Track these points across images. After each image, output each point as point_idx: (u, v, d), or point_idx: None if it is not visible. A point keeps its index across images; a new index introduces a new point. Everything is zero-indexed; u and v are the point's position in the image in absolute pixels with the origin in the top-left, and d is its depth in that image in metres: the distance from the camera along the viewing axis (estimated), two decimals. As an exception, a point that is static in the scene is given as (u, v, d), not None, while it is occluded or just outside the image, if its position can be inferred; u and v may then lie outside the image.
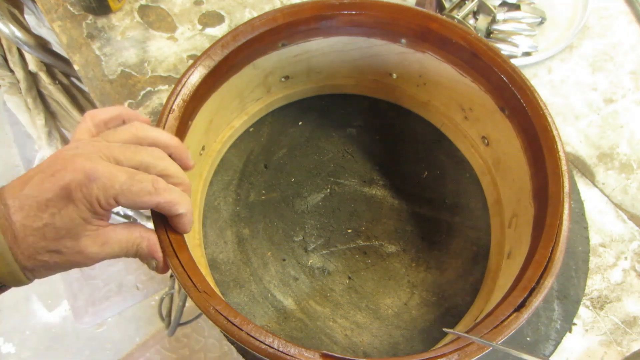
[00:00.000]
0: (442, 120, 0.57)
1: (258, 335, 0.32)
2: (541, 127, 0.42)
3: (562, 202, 0.39)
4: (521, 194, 0.46)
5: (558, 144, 0.41)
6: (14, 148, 1.51)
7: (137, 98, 0.62)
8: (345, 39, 0.50)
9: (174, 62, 0.65)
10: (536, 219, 0.42)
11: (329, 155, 0.56)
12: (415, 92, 0.56)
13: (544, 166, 0.41)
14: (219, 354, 1.29)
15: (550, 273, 0.36)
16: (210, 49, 0.44)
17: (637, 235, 0.57)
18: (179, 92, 0.42)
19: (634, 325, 0.52)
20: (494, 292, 0.46)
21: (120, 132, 0.35)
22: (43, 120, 0.92)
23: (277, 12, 0.46)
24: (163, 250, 0.36)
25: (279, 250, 0.51)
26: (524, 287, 0.36)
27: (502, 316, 0.35)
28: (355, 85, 0.58)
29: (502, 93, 0.46)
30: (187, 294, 0.34)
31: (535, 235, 0.40)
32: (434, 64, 0.50)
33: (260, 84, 0.53)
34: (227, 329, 0.32)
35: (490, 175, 0.53)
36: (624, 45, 0.70)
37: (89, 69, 0.64)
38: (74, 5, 0.67)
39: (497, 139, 0.50)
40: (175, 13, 0.69)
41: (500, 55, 0.45)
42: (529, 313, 0.35)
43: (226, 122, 0.54)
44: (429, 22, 0.47)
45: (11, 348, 1.28)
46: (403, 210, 0.54)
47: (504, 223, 0.50)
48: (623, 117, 0.65)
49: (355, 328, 0.47)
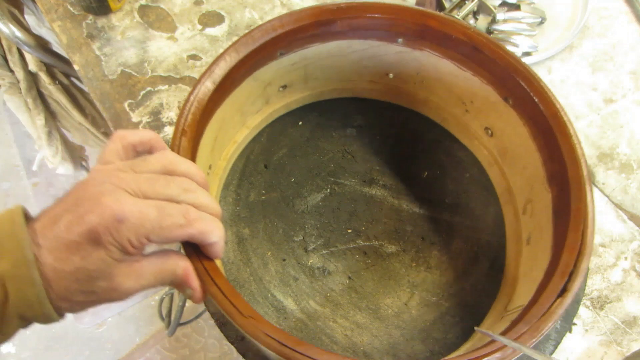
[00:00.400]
0: (442, 115, 0.57)
1: (314, 355, 0.32)
2: (551, 113, 0.43)
3: (584, 185, 0.40)
4: (534, 180, 0.46)
5: (570, 129, 0.42)
6: (14, 148, 1.51)
7: (137, 98, 0.62)
8: (342, 42, 0.50)
9: (174, 62, 0.65)
10: (556, 203, 0.42)
11: (329, 155, 0.56)
12: (414, 89, 0.56)
13: (558, 151, 0.42)
14: (219, 354, 1.29)
15: (585, 255, 0.37)
16: (214, 64, 0.43)
17: (637, 235, 0.57)
18: (188, 111, 0.41)
19: (634, 325, 0.52)
20: (519, 280, 0.47)
21: (150, 162, 0.33)
22: (43, 120, 0.92)
23: (276, 22, 0.45)
24: (199, 277, 0.34)
25: (279, 250, 0.51)
26: (563, 272, 0.37)
27: (547, 303, 0.35)
28: (352, 88, 0.58)
29: (505, 84, 0.46)
30: (232, 321, 0.33)
31: (560, 220, 0.41)
32: (432, 61, 0.51)
33: (259, 95, 0.52)
34: (281, 351, 0.32)
35: (498, 165, 0.53)
36: (624, 45, 0.70)
37: (89, 69, 0.64)
38: (74, 5, 0.67)
39: (502, 128, 0.50)
40: (175, 13, 0.69)
41: (501, 47, 0.45)
42: (571, 297, 0.36)
43: (229, 137, 0.53)
44: (427, 20, 0.47)
45: (11, 348, 1.28)
46: (403, 210, 0.54)
47: (518, 210, 0.50)
48: (623, 117, 0.65)
49: (355, 328, 0.47)
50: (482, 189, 0.55)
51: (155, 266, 0.33)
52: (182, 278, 0.34)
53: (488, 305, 0.49)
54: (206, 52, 0.66)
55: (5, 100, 0.92)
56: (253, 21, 0.69)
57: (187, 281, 0.34)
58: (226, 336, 0.46)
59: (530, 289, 0.41)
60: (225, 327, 0.46)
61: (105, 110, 0.61)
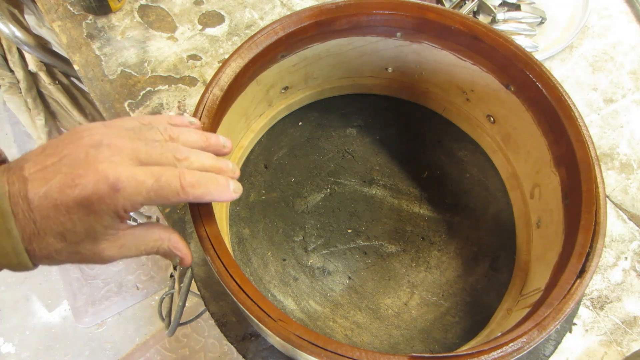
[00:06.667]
0: (443, 105, 0.57)
1: (345, 352, 0.32)
2: (555, 97, 0.43)
3: (592, 166, 0.40)
4: (540, 164, 0.47)
5: (575, 111, 0.42)
6: (14, 148, 1.51)
7: (137, 98, 0.62)
8: (342, 40, 0.50)
9: (174, 62, 0.65)
10: (564, 186, 0.43)
11: (329, 155, 0.56)
12: (413, 82, 0.57)
13: (564, 134, 0.42)
14: (219, 354, 1.29)
15: (600, 235, 0.38)
16: (220, 72, 0.43)
17: (637, 235, 0.57)
18: (200, 123, 0.41)
19: (634, 325, 0.52)
20: (532, 263, 0.48)
21: (153, 129, 0.34)
22: (43, 120, 0.92)
23: (277, 24, 0.45)
24: (219, 274, 0.35)
25: (279, 250, 0.51)
26: (579, 253, 0.37)
27: (567, 285, 0.36)
28: (352, 85, 0.58)
29: (506, 71, 0.47)
30: (263, 326, 0.33)
31: (570, 202, 0.42)
32: (431, 53, 0.51)
33: (262, 99, 0.53)
34: (313, 351, 0.32)
35: (502, 152, 0.54)
36: (624, 45, 0.70)
37: (89, 69, 0.64)
38: (74, 5, 0.67)
39: (504, 115, 0.51)
40: (175, 13, 0.69)
41: (501, 35, 0.46)
42: (590, 277, 0.36)
43: (235, 143, 0.53)
44: (425, 13, 0.47)
45: (11, 348, 1.28)
46: (403, 210, 0.54)
47: (525, 195, 0.51)
48: (623, 117, 0.65)
49: (355, 328, 0.47)
50: (482, 189, 0.55)
51: (139, 238, 0.33)
52: (168, 249, 0.35)
53: (488, 304, 0.49)
54: (206, 52, 0.66)
55: (5, 100, 0.92)
56: (253, 21, 0.69)
57: (173, 252, 0.35)
58: (226, 336, 0.46)
59: (545, 271, 0.42)
60: (225, 327, 0.46)
61: (105, 110, 0.61)
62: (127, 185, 0.29)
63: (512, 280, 0.49)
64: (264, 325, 0.33)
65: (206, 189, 0.32)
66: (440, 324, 0.48)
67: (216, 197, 0.33)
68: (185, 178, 0.31)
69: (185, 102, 0.62)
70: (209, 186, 0.33)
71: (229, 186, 0.34)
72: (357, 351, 0.32)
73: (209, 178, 0.33)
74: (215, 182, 0.33)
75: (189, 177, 0.32)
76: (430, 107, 0.59)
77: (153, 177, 0.30)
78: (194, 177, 0.32)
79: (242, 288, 0.34)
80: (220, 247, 0.35)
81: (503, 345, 0.33)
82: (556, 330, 0.47)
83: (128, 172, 0.29)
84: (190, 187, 0.31)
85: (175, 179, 0.31)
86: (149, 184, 0.30)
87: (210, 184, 0.33)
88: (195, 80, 0.64)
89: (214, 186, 0.33)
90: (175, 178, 0.31)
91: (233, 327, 0.46)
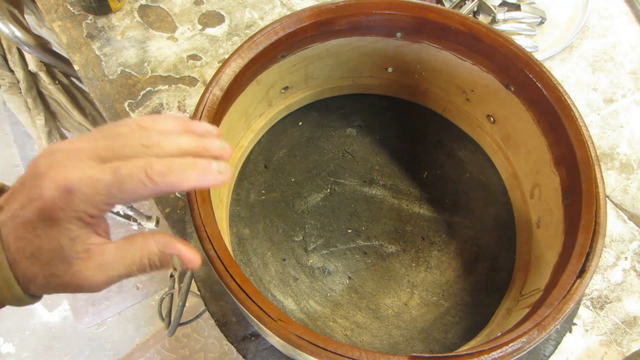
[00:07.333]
0: (443, 105, 0.57)
1: (344, 352, 0.32)
2: (555, 97, 0.43)
3: (593, 166, 0.40)
4: (540, 164, 0.47)
5: (575, 112, 0.42)
6: (14, 148, 1.51)
7: (137, 98, 0.62)
8: (342, 40, 0.50)
9: (174, 62, 0.65)
10: (564, 186, 0.43)
11: (329, 155, 0.56)
12: (413, 82, 0.57)
13: (565, 134, 0.42)
14: (219, 354, 1.29)
15: (600, 235, 0.38)
16: (220, 72, 0.43)
17: (637, 235, 0.57)
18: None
19: (634, 325, 0.52)
20: (532, 263, 0.48)
21: (124, 125, 0.30)
22: (43, 120, 0.92)
23: (277, 24, 0.45)
24: (219, 274, 0.34)
25: (279, 250, 0.51)
26: (579, 253, 0.37)
27: (567, 285, 0.36)
28: (352, 85, 0.58)
29: (506, 71, 0.47)
30: (263, 326, 0.33)
31: (570, 202, 0.42)
32: (431, 53, 0.51)
33: (262, 99, 0.53)
34: (313, 351, 0.32)
35: (502, 152, 0.54)
36: (624, 45, 0.70)
37: (89, 69, 0.63)
38: (74, 5, 0.67)
39: (504, 115, 0.51)
40: (175, 13, 0.69)
41: (501, 35, 0.46)
42: (590, 277, 0.36)
43: (235, 143, 0.53)
44: (425, 13, 0.47)
45: (11, 348, 1.28)
46: (403, 210, 0.54)
47: (525, 195, 0.51)
48: (623, 117, 0.65)
49: (355, 328, 0.47)
50: (482, 189, 0.55)
51: (120, 253, 0.30)
52: (160, 255, 0.31)
53: (488, 304, 0.49)
54: (206, 52, 0.66)
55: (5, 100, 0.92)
56: (253, 21, 0.68)
57: (167, 255, 0.31)
58: (226, 336, 0.46)
59: (545, 271, 0.42)
60: (225, 327, 0.46)
61: (105, 110, 0.61)
62: (81, 186, 0.27)
63: (512, 280, 0.49)
64: (264, 325, 0.33)
65: (181, 176, 0.28)
66: (440, 324, 0.48)
67: (196, 182, 0.29)
68: (152, 167, 0.28)
69: (185, 102, 0.62)
70: (184, 172, 0.28)
71: (210, 168, 0.30)
72: (357, 351, 0.32)
73: (185, 163, 0.29)
74: (192, 166, 0.29)
75: (157, 165, 0.28)
76: (430, 107, 0.59)
77: (111, 171, 0.27)
78: (163, 164, 0.28)
79: (242, 288, 0.34)
80: (220, 247, 0.35)
81: (503, 345, 0.33)
82: (556, 330, 0.47)
83: (80, 172, 0.27)
84: (159, 176, 0.28)
85: (138, 169, 0.27)
86: (106, 180, 0.27)
87: (187, 168, 0.29)
88: (195, 80, 0.64)
89: (191, 171, 0.29)
90: (138, 169, 0.28)
91: (233, 327, 0.46)
